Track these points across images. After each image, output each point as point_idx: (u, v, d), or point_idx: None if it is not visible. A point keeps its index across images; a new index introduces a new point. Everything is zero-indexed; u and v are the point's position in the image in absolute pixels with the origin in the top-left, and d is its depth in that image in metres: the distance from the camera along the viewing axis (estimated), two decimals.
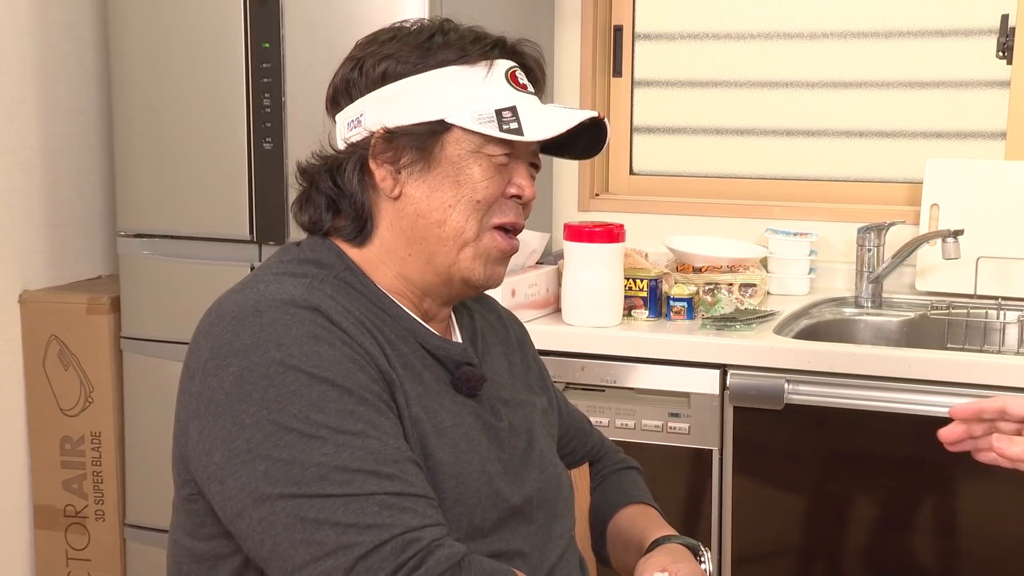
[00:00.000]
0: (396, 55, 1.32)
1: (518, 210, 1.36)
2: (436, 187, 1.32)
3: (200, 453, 1.21)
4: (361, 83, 1.34)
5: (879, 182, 2.91)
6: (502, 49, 1.35)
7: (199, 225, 2.67)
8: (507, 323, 1.56)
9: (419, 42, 1.33)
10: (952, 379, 2.18)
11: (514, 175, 1.35)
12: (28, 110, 2.86)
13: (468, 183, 1.31)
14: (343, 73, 1.36)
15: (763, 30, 2.95)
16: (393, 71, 1.32)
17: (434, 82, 1.31)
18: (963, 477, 2.22)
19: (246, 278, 1.33)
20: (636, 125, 3.08)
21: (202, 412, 1.21)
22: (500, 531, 1.31)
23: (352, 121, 1.35)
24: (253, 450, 1.16)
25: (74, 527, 2.89)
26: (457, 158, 1.31)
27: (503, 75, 1.33)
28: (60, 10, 2.93)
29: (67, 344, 2.83)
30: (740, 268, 2.64)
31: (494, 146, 1.31)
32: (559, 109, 1.35)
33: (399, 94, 1.32)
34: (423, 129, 1.30)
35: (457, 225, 1.32)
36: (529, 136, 1.31)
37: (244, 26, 2.55)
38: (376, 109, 1.32)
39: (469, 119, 1.30)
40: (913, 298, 2.73)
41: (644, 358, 2.38)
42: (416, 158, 1.31)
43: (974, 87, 2.80)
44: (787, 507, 2.34)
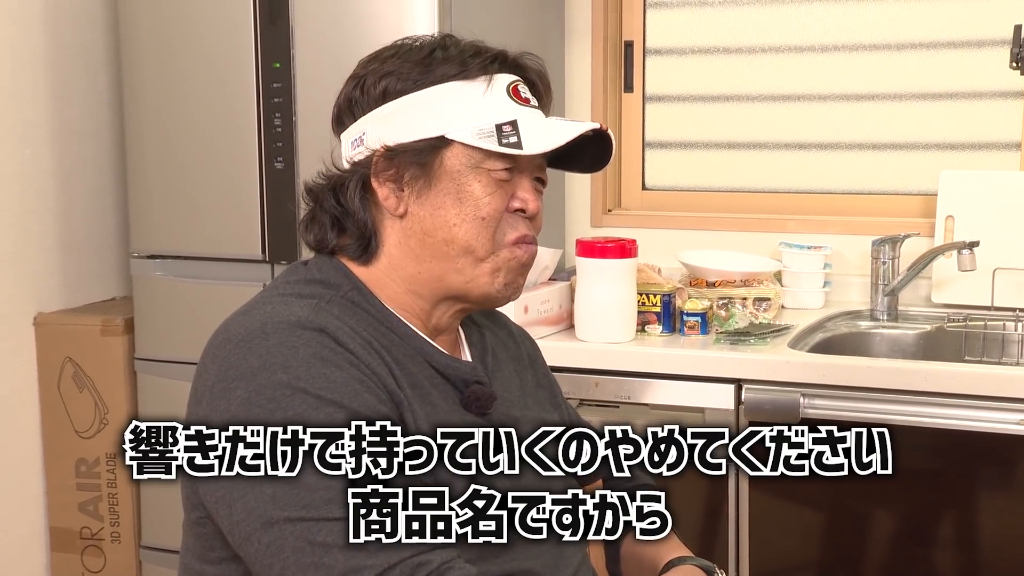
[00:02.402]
0: (397, 72, 1.32)
1: (527, 223, 1.35)
2: (439, 204, 1.31)
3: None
4: (363, 101, 1.34)
5: (893, 194, 2.89)
6: (503, 63, 1.34)
7: (212, 245, 2.67)
8: (518, 339, 1.55)
9: (420, 58, 1.32)
10: (970, 392, 2.16)
11: (517, 189, 1.34)
12: (41, 133, 2.88)
13: (470, 200, 1.30)
14: (346, 92, 1.36)
15: (774, 43, 2.94)
16: (394, 88, 1.32)
17: (434, 98, 1.31)
18: (982, 491, 2.20)
19: (253, 299, 1.32)
20: (648, 140, 3.08)
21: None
22: (511, 551, 1.29)
23: (355, 140, 1.34)
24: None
25: (90, 549, 2.89)
26: (457, 174, 1.30)
27: (504, 89, 1.32)
28: (72, 33, 2.95)
29: (81, 366, 2.83)
30: (754, 282, 2.63)
31: (494, 161, 1.31)
32: (561, 122, 1.34)
33: (399, 111, 1.31)
34: (423, 145, 1.30)
35: (465, 243, 1.31)
36: (528, 149, 1.30)
37: (255, 46, 2.56)
38: (377, 127, 1.32)
39: (469, 134, 1.29)
40: (929, 310, 2.71)
41: (658, 373, 2.36)
42: (417, 175, 1.31)
43: (988, 98, 2.79)
44: (804, 523, 2.32)
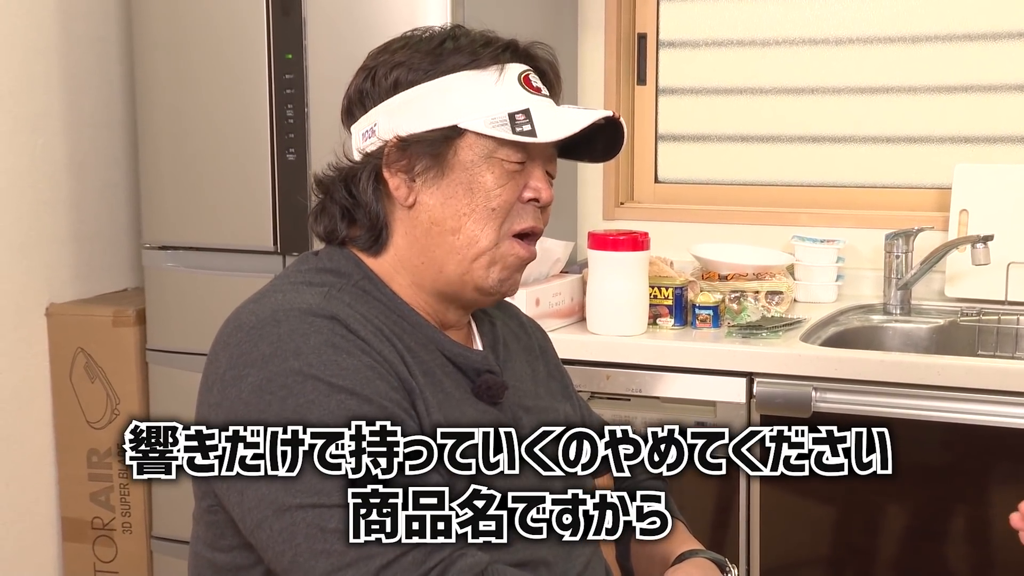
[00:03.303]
0: (407, 63, 1.32)
1: (536, 214, 1.35)
2: (450, 194, 1.31)
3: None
4: (374, 93, 1.33)
5: (907, 188, 2.88)
6: (514, 52, 1.34)
7: (223, 237, 2.67)
8: (529, 331, 1.55)
9: (430, 48, 1.32)
10: (983, 386, 2.15)
11: (529, 179, 1.33)
12: (54, 124, 2.88)
13: (481, 190, 1.30)
14: (356, 84, 1.36)
15: (788, 36, 2.93)
16: (405, 79, 1.31)
17: (446, 88, 1.30)
18: (995, 486, 2.19)
19: (264, 287, 1.33)
20: (661, 133, 3.07)
21: (221, 423, 1.20)
22: (523, 539, 1.29)
23: (367, 131, 1.34)
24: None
25: (101, 539, 2.90)
26: (470, 164, 1.30)
27: (516, 78, 1.32)
28: (85, 25, 2.95)
29: (93, 357, 2.84)
30: (766, 276, 2.62)
31: (507, 150, 1.30)
32: (573, 110, 1.34)
33: (411, 102, 1.31)
34: (436, 135, 1.30)
35: (472, 234, 1.31)
36: (543, 137, 1.29)
37: (267, 37, 2.56)
38: (389, 118, 1.32)
39: (482, 123, 1.29)
40: (942, 304, 2.70)
41: (670, 367, 2.36)
42: (430, 165, 1.30)
43: (1003, 91, 2.77)
44: (815, 517, 2.32)
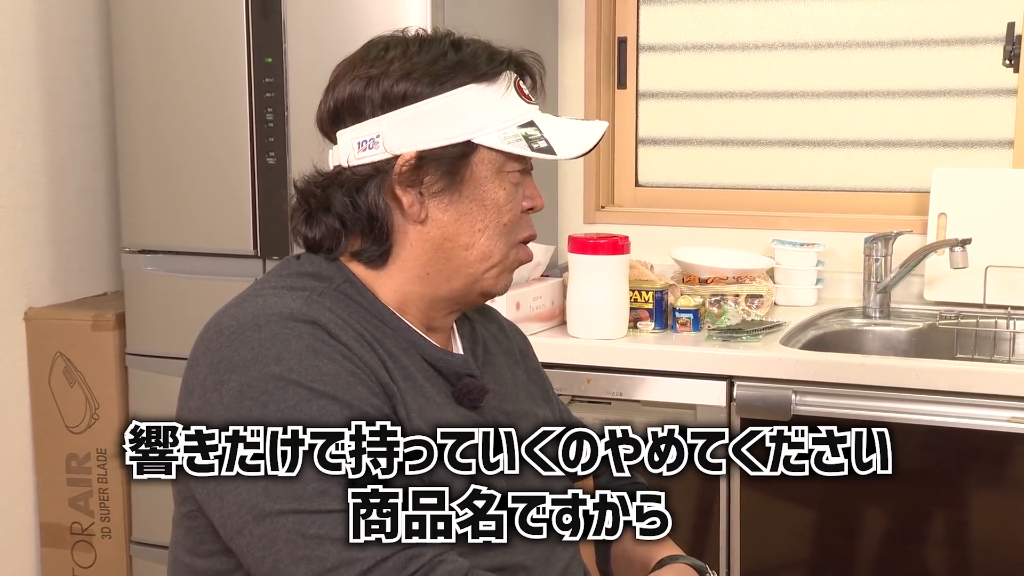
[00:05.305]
0: (412, 74, 1.30)
1: (532, 221, 1.39)
2: (464, 211, 1.32)
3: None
4: (375, 102, 1.31)
5: (886, 192, 2.89)
6: (511, 63, 1.35)
7: (203, 240, 2.66)
8: (510, 334, 1.55)
9: (432, 59, 1.31)
10: (961, 389, 2.16)
11: (526, 188, 1.36)
12: (32, 127, 2.86)
13: (494, 206, 1.32)
14: (351, 90, 1.32)
15: (767, 40, 2.94)
16: (412, 92, 1.30)
17: (457, 102, 1.30)
18: (974, 488, 2.20)
19: (244, 292, 1.32)
20: (641, 137, 3.07)
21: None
22: (503, 544, 1.29)
23: (366, 141, 1.31)
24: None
25: (80, 544, 2.88)
26: (483, 179, 1.31)
27: (514, 89, 1.33)
28: (64, 28, 2.94)
29: (72, 361, 2.82)
30: (746, 279, 2.63)
31: (513, 163, 1.33)
32: (573, 122, 1.36)
33: (422, 116, 1.30)
34: (453, 152, 1.30)
35: (486, 248, 1.33)
36: (562, 154, 1.32)
37: (247, 41, 2.55)
38: (397, 131, 1.30)
39: (496, 139, 1.30)
40: (922, 308, 2.71)
41: (650, 370, 2.36)
42: (443, 181, 1.30)
43: (980, 96, 2.79)
44: (796, 521, 2.32)
